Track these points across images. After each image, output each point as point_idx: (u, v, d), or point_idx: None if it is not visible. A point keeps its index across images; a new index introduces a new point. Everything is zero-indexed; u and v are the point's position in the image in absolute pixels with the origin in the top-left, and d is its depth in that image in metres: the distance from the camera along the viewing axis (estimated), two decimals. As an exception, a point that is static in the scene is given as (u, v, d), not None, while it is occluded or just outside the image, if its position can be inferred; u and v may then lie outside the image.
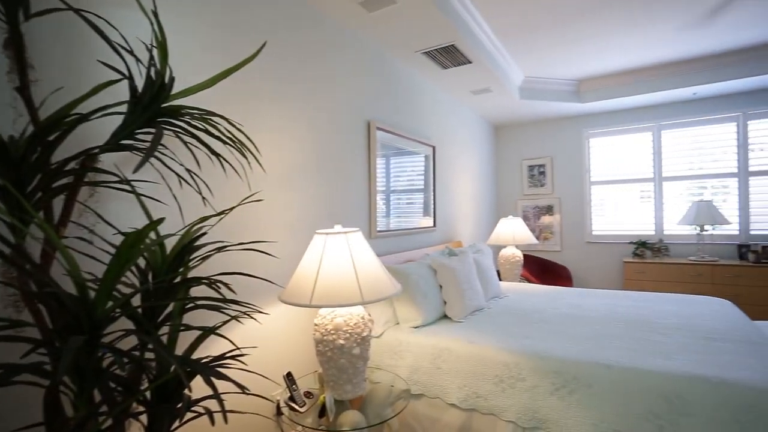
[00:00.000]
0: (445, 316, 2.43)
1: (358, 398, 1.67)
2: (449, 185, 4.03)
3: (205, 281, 1.06)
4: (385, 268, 2.25)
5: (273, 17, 1.95)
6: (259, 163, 1.30)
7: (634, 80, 4.26)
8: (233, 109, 1.72)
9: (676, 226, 4.62)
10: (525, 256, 4.90)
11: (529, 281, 4.36)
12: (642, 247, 4.63)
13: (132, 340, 1.08)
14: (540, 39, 3.38)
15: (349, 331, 1.56)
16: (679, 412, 1.48)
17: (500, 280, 4.09)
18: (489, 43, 3.31)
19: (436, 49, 2.93)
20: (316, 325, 1.61)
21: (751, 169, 4.35)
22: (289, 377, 1.64)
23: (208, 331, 1.03)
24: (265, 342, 1.85)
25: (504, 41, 3.41)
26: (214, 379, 0.86)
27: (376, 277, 1.51)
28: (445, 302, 2.41)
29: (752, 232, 4.33)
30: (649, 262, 4.38)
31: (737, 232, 4.39)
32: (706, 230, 4.32)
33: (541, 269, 4.87)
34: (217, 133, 1.12)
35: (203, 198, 1.18)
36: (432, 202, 3.56)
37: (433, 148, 3.56)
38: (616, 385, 1.60)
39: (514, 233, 3.97)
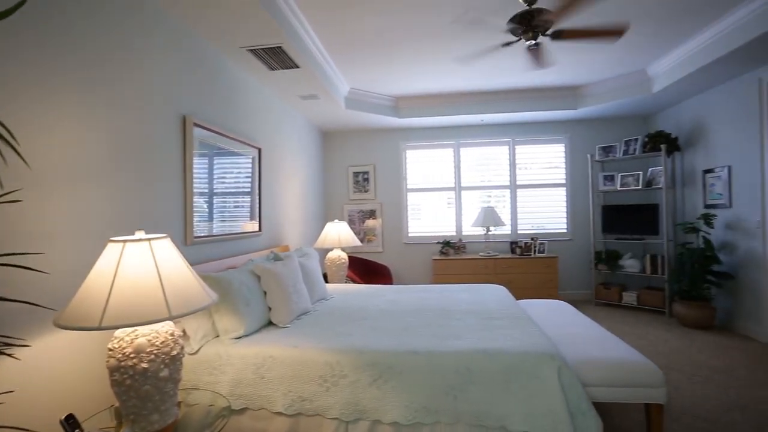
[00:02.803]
0: (270, 323, 2.36)
1: (169, 427, 1.47)
2: (276, 189, 3.95)
3: None
4: (202, 276, 2.07)
5: (49, -26, 1.57)
6: (19, 154, 1.01)
7: (439, 103, 5.00)
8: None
9: (471, 228, 5.60)
10: (350, 257, 5.18)
11: (354, 281, 4.62)
12: (447, 246, 5.44)
13: None
14: (363, 55, 3.64)
15: (155, 351, 1.36)
16: (468, 381, 1.78)
17: (327, 282, 4.21)
18: (317, 51, 3.40)
19: (262, 49, 2.84)
20: (110, 350, 1.35)
21: (518, 183, 5.62)
22: (69, 421, 1.33)
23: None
24: (31, 382, 1.46)
25: (331, 52, 3.55)
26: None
27: (186, 288, 1.36)
28: (270, 308, 2.34)
29: (519, 232, 5.59)
30: (452, 258, 5.18)
31: (510, 232, 5.59)
32: (491, 231, 5.37)
33: (365, 269, 5.22)
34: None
35: None
36: (258, 205, 3.43)
37: (259, 150, 3.43)
38: (422, 368, 1.82)
39: (339, 236, 4.15)
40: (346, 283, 4.22)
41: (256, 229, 3.39)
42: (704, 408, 2.42)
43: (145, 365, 1.33)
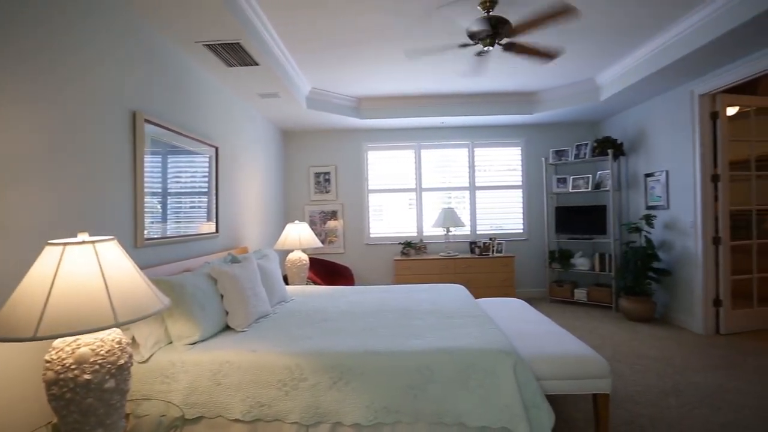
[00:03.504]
0: (227, 327, 2.28)
1: (115, 441, 1.39)
2: (235, 189, 3.84)
3: None
4: (153, 280, 1.97)
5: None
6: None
7: (401, 105, 5.04)
8: None
9: (431, 229, 5.68)
10: (311, 259, 5.11)
11: (316, 283, 4.57)
12: (408, 246, 5.49)
13: None
14: (325, 55, 3.61)
15: (100, 361, 1.28)
16: (428, 380, 1.80)
17: (287, 284, 4.14)
18: (277, 49, 3.33)
19: (219, 44, 2.75)
20: (47, 361, 1.25)
21: (477, 184, 5.77)
22: (2, 438, 1.23)
23: None
24: (-40, 397, 1.34)
25: (292, 51, 3.49)
26: None
27: (135, 293, 1.29)
28: (227, 312, 2.27)
29: (478, 232, 5.74)
30: (413, 259, 5.24)
31: (469, 232, 5.73)
32: (451, 232, 5.48)
33: (327, 271, 5.17)
34: None
35: None
36: (215, 206, 3.31)
37: (216, 148, 3.31)
38: (383, 369, 1.83)
39: (300, 237, 4.09)
40: (307, 284, 4.16)
41: (213, 230, 3.27)
42: (644, 395, 2.59)
43: (87, 377, 1.24)
